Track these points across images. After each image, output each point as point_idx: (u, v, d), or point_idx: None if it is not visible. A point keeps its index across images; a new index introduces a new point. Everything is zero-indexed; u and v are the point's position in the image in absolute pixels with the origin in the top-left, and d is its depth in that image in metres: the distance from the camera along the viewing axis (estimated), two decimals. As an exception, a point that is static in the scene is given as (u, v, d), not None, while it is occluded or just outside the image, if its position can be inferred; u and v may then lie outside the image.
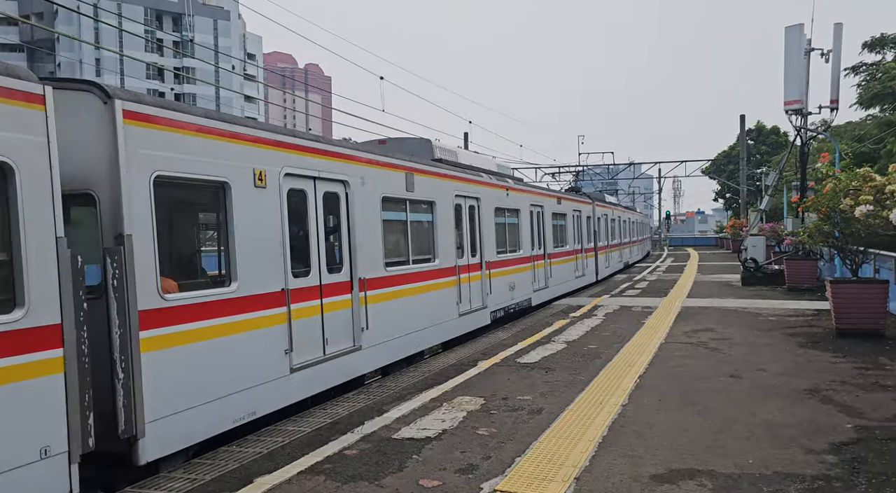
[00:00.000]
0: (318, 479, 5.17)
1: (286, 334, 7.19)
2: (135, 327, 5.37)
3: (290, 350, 7.20)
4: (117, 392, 5.24)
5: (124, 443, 5.30)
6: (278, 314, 7.10)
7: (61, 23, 72.43)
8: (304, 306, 7.58)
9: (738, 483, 4.81)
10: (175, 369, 5.75)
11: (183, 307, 5.91)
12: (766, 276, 20.42)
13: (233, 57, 74.62)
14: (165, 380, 5.62)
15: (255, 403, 6.69)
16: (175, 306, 5.80)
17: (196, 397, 5.97)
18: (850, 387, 7.52)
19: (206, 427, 6.10)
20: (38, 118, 4.67)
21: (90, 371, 4.88)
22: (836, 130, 32.46)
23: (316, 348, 7.73)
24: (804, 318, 13.08)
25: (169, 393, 5.66)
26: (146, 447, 5.40)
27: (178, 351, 5.80)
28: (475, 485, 4.93)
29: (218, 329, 6.26)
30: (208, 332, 6.15)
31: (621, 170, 57.45)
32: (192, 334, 5.97)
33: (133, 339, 5.36)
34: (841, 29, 18.97)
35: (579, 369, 8.82)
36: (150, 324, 5.52)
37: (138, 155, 5.55)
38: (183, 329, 5.87)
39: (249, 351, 6.65)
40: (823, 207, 11.54)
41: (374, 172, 9.37)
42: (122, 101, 5.45)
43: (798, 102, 19.65)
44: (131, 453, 5.36)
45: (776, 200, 33.66)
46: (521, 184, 17.44)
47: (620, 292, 19.82)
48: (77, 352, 4.79)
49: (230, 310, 6.44)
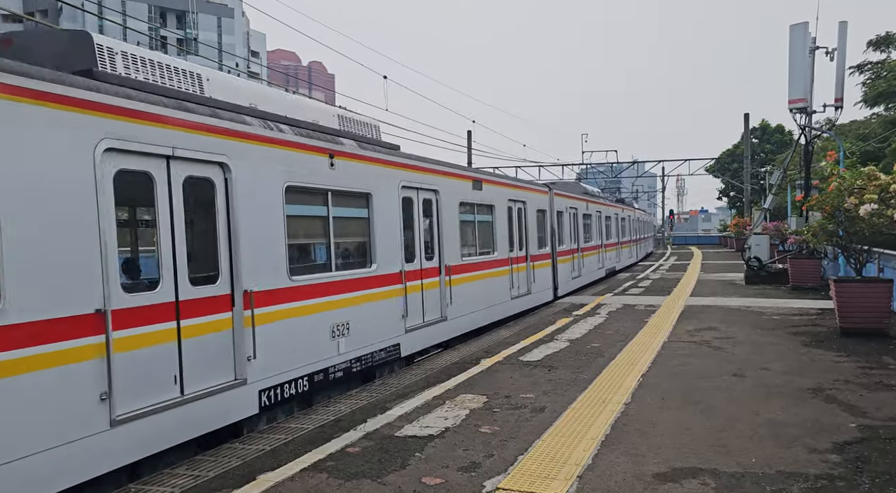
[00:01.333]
0: (321, 476, 5.17)
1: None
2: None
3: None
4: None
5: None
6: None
7: (66, 20, 72.55)
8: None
9: (741, 482, 4.80)
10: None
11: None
12: (770, 275, 20.38)
13: (236, 55, 74.56)
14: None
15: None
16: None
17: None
18: (853, 386, 7.50)
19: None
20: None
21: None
22: (840, 129, 32.39)
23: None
24: (808, 317, 13.05)
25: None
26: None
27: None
28: (478, 483, 4.93)
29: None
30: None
31: (625, 168, 57.37)
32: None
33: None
34: (846, 27, 18.92)
35: (582, 368, 8.82)
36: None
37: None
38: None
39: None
40: (828, 205, 11.50)
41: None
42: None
43: (802, 100, 19.60)
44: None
45: (780, 198, 33.55)
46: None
47: (623, 290, 19.80)
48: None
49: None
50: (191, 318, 6.05)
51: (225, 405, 6.35)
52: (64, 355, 4.92)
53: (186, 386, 5.94)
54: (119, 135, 5.41)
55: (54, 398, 4.81)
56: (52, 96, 4.92)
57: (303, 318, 7.56)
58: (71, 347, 4.96)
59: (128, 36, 70.88)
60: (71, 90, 5.07)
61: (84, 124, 5.14)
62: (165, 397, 5.71)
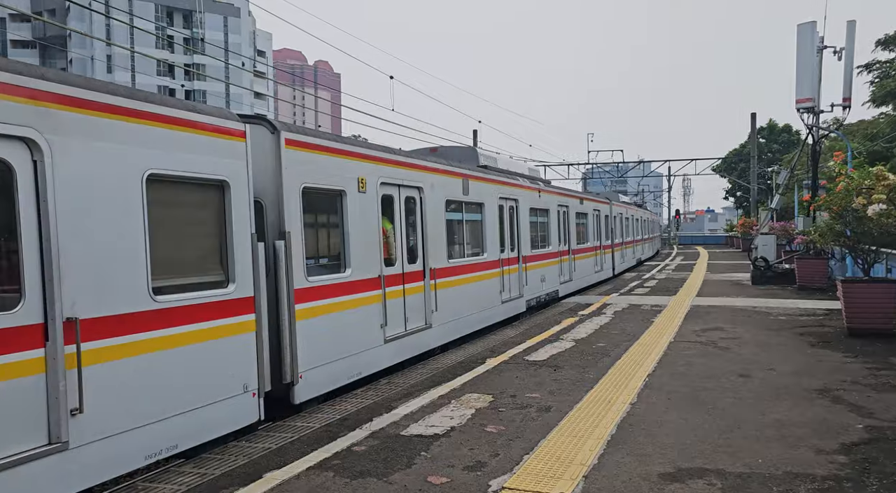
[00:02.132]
0: (327, 475, 5.19)
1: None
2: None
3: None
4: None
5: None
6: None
7: (73, 19, 72.88)
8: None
9: (748, 483, 4.79)
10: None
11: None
12: (777, 275, 20.30)
13: (243, 55, 74.80)
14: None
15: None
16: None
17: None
18: (861, 387, 7.46)
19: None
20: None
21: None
22: (848, 129, 32.21)
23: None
24: (815, 317, 13.00)
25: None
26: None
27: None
28: (483, 482, 4.93)
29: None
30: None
31: (630, 168, 57.26)
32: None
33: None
34: (854, 26, 18.81)
35: (588, 368, 8.81)
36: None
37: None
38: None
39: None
40: (836, 205, 11.46)
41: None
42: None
43: (810, 99, 19.52)
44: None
45: (787, 198, 33.44)
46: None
47: (629, 290, 19.75)
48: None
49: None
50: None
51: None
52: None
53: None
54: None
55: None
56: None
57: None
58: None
59: (135, 35, 71.20)
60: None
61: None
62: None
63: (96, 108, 5.11)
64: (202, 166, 6.03)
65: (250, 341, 6.49)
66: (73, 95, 4.95)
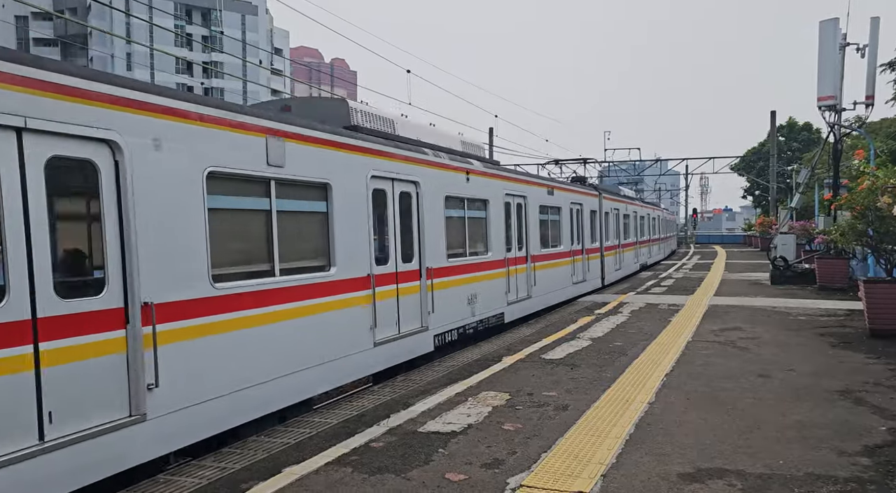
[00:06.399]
0: (346, 470, 5.22)
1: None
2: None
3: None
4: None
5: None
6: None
7: (94, 18, 73.67)
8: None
9: (769, 484, 4.75)
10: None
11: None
12: (796, 275, 20.07)
13: (260, 49, 75.15)
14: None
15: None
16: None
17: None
18: (883, 389, 7.36)
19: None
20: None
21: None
22: (870, 127, 31.71)
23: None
24: (836, 318, 12.84)
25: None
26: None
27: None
28: (501, 480, 4.93)
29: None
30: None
31: (648, 166, 56.85)
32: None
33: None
34: (878, 23, 18.51)
35: (605, 367, 8.77)
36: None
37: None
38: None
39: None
40: (858, 204, 11.30)
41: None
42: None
43: (832, 97, 19.24)
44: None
45: (807, 197, 33.01)
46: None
47: (646, 289, 19.63)
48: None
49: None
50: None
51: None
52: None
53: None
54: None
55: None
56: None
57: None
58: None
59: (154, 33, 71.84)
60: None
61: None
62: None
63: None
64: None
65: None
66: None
